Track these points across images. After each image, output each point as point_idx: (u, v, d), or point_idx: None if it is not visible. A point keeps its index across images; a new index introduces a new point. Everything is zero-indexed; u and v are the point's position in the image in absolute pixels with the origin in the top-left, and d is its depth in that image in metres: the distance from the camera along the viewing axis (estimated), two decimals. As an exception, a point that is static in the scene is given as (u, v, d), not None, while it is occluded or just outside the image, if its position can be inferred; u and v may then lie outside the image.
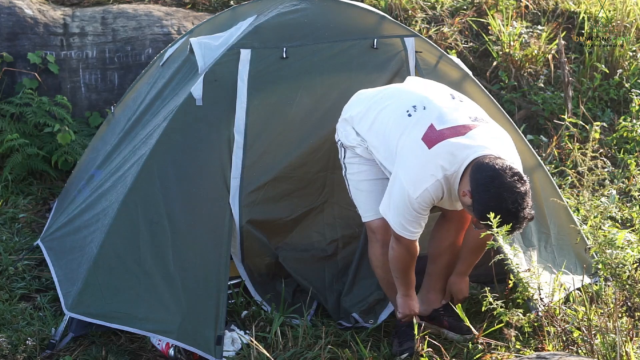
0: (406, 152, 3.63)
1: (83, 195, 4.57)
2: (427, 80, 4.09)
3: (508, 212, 3.41)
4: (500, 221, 3.40)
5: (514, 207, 3.41)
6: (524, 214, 3.45)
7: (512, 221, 3.42)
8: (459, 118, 3.64)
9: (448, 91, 3.85)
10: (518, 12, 7.17)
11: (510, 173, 3.43)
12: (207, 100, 4.13)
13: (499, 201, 3.41)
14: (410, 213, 3.63)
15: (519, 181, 3.44)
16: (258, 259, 4.25)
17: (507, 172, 3.43)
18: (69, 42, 6.20)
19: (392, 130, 3.70)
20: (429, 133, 3.59)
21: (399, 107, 3.75)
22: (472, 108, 3.76)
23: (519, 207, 3.42)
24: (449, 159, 3.53)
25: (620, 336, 3.39)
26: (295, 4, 4.40)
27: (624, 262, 3.74)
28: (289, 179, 4.21)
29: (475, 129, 3.61)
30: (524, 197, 3.44)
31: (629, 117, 6.39)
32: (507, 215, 3.41)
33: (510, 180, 3.42)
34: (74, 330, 3.95)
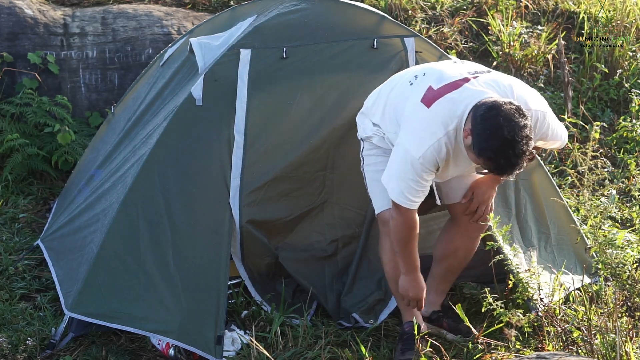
0: (407, 116, 3.62)
1: (83, 195, 4.57)
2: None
3: (504, 140, 3.34)
4: (497, 154, 3.36)
5: (510, 134, 3.34)
6: (521, 146, 3.35)
7: (509, 152, 3.35)
8: (457, 74, 3.64)
9: (453, 59, 3.88)
10: (518, 12, 7.17)
11: (510, 104, 3.40)
12: (207, 100, 4.13)
13: (496, 128, 3.35)
14: (412, 178, 3.57)
15: (518, 112, 3.38)
16: (258, 259, 4.25)
17: (507, 103, 3.41)
18: (69, 42, 6.20)
19: (399, 105, 3.70)
20: (427, 94, 3.59)
21: (402, 82, 3.77)
22: (473, 65, 3.76)
23: (516, 136, 3.34)
24: (449, 114, 3.51)
25: (620, 336, 3.39)
26: (295, 4, 4.40)
27: (624, 262, 3.75)
28: (289, 179, 4.21)
29: (474, 79, 3.60)
30: (522, 128, 3.36)
31: (628, 117, 6.39)
32: (503, 144, 3.35)
33: (508, 109, 3.38)
34: (74, 330, 3.95)
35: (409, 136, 3.59)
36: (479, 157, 3.42)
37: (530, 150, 3.41)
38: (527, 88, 3.73)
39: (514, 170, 3.42)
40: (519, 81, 3.76)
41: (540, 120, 3.65)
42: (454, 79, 3.61)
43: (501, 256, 3.83)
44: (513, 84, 3.68)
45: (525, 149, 3.37)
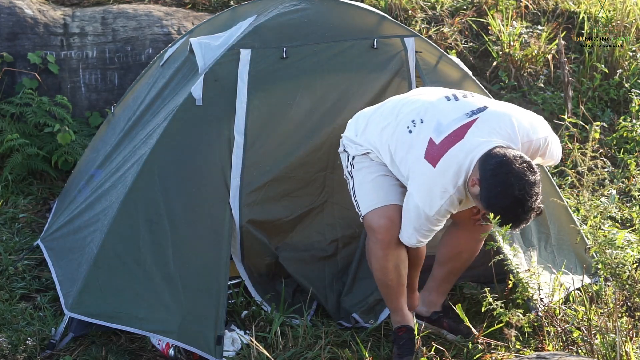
0: (415, 173, 3.62)
1: (83, 195, 4.57)
2: (423, 88, 4.08)
3: (515, 198, 3.38)
4: (507, 211, 3.38)
5: (521, 193, 3.37)
6: (530, 203, 3.40)
7: (518, 210, 3.39)
8: (455, 121, 3.61)
9: (444, 93, 3.80)
10: (518, 12, 7.17)
11: (520, 161, 3.41)
12: (207, 100, 4.13)
13: (506, 186, 3.38)
14: (427, 228, 3.66)
15: (529, 169, 3.41)
16: (258, 259, 4.25)
17: (517, 159, 3.41)
18: (69, 42, 6.20)
19: (397, 149, 3.68)
20: (430, 150, 3.58)
21: (400, 127, 3.71)
22: (468, 103, 3.70)
23: (526, 195, 3.38)
24: (456, 170, 3.52)
25: (620, 336, 3.39)
26: (296, 4, 4.40)
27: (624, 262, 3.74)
28: (289, 179, 4.21)
29: (474, 125, 3.58)
30: (533, 186, 3.40)
31: (628, 117, 6.40)
32: (514, 203, 3.39)
33: (519, 167, 3.39)
34: (74, 330, 3.95)
35: (421, 195, 3.60)
36: (486, 209, 3.46)
37: (538, 206, 3.44)
38: (526, 115, 3.72)
39: (521, 225, 3.49)
40: (515, 108, 3.74)
41: (542, 146, 3.70)
42: (454, 127, 3.59)
43: (501, 256, 3.82)
44: (512, 115, 3.65)
45: (535, 205, 3.42)
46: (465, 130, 3.57)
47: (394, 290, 3.88)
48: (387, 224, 3.75)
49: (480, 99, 3.75)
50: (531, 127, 3.67)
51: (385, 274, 3.82)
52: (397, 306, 3.89)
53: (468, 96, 3.75)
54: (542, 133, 3.70)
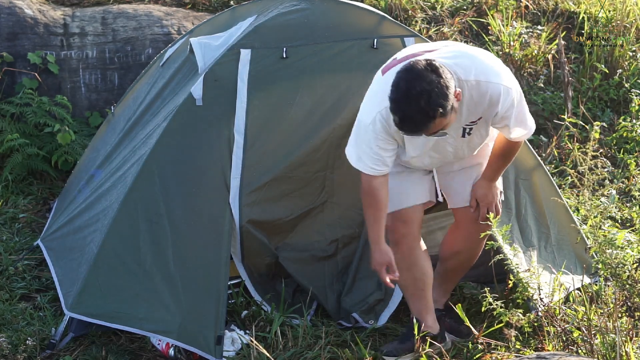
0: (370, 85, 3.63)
1: (83, 195, 4.57)
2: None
3: (400, 93, 3.26)
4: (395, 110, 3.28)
5: (406, 87, 3.25)
6: (418, 100, 3.23)
7: (404, 105, 3.26)
8: (426, 48, 3.60)
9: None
10: (518, 12, 7.17)
11: (422, 62, 3.31)
12: (207, 100, 4.13)
13: (396, 82, 3.30)
14: (366, 144, 3.57)
15: (428, 67, 3.27)
16: (258, 259, 4.25)
17: (420, 61, 3.32)
18: (69, 42, 6.20)
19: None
20: (389, 64, 3.59)
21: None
22: (445, 42, 3.70)
23: (412, 90, 3.24)
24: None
25: (620, 336, 3.39)
26: (295, 4, 4.40)
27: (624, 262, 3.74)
28: (289, 179, 4.21)
29: (438, 51, 3.52)
30: (422, 81, 3.24)
31: (628, 117, 6.39)
32: (399, 98, 3.27)
33: (415, 64, 3.30)
34: (74, 330, 3.95)
35: (363, 104, 3.61)
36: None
37: (437, 109, 3.26)
38: (496, 63, 3.57)
39: (416, 127, 3.32)
40: (490, 55, 3.61)
41: (503, 95, 3.50)
42: (418, 50, 3.57)
43: (501, 256, 3.83)
44: (479, 55, 3.56)
45: (425, 104, 3.25)
46: (425, 53, 3.52)
47: (410, 293, 3.92)
48: (398, 225, 3.81)
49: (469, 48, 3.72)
50: (494, 72, 3.50)
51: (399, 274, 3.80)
52: (415, 310, 3.91)
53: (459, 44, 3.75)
54: (506, 82, 3.50)
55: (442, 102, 3.28)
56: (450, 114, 3.34)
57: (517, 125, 3.63)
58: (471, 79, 3.47)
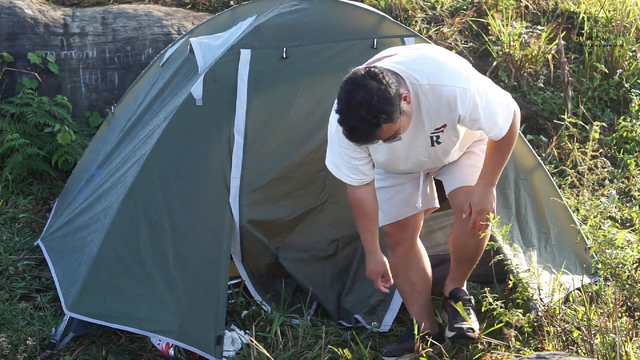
0: None
1: (83, 195, 4.57)
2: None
3: (342, 104, 3.21)
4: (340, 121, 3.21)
5: (347, 98, 3.19)
6: (358, 110, 3.16)
7: (346, 116, 3.20)
8: (386, 52, 3.56)
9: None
10: (518, 12, 7.17)
11: (362, 71, 3.24)
12: (207, 100, 4.13)
13: (339, 95, 3.25)
14: (337, 152, 3.54)
15: (366, 76, 3.20)
16: (258, 259, 4.25)
17: (360, 70, 3.26)
18: (69, 42, 6.20)
19: None
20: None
21: None
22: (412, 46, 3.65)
23: (352, 100, 3.18)
24: None
25: (620, 336, 3.39)
26: (296, 4, 4.40)
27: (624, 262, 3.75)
28: (289, 179, 4.22)
29: (394, 55, 3.47)
30: (360, 90, 3.17)
31: (628, 117, 6.40)
32: (342, 109, 3.21)
33: (355, 74, 3.24)
34: (74, 330, 3.95)
35: (331, 113, 3.51)
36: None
37: (380, 116, 3.18)
38: (456, 64, 3.41)
39: (364, 137, 3.25)
40: (450, 57, 3.47)
41: (460, 98, 3.35)
42: (381, 55, 3.53)
43: (501, 256, 3.83)
44: (438, 58, 3.43)
45: (366, 112, 3.17)
46: (385, 57, 3.48)
47: (407, 296, 3.92)
48: (395, 230, 3.80)
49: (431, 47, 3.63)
50: (447, 73, 3.37)
51: (396, 278, 3.81)
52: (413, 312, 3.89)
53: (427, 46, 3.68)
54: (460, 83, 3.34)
55: (385, 108, 3.20)
56: (398, 118, 3.25)
57: (491, 125, 3.48)
58: (424, 84, 3.36)
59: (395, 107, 3.23)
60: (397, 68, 3.36)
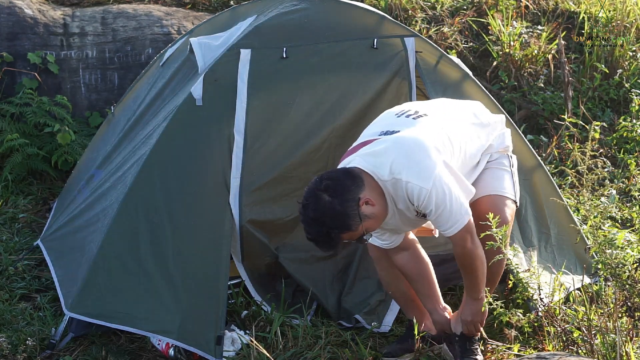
0: None
1: (83, 195, 4.57)
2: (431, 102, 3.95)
3: (300, 213, 3.34)
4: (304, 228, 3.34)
5: (304, 211, 3.32)
6: (307, 225, 3.30)
7: (305, 226, 3.32)
8: (368, 135, 3.55)
9: (406, 108, 3.66)
10: (518, 12, 7.17)
11: (318, 183, 3.32)
12: (207, 100, 4.13)
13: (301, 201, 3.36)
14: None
15: (322, 186, 3.30)
16: (258, 259, 4.25)
17: (317, 181, 3.33)
18: (69, 42, 6.20)
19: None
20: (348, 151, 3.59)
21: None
22: (398, 122, 3.55)
23: (306, 213, 3.30)
24: None
25: (620, 336, 3.39)
26: (295, 4, 4.40)
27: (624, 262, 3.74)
28: (289, 179, 4.21)
29: (369, 144, 3.47)
30: (316, 202, 3.27)
31: (629, 117, 6.40)
32: (300, 217, 3.34)
33: (310, 186, 3.34)
34: (74, 330, 3.95)
35: None
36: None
37: (334, 230, 3.29)
38: (423, 152, 3.38)
39: (324, 247, 3.38)
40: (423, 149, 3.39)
41: (422, 197, 3.35)
42: (360, 141, 3.54)
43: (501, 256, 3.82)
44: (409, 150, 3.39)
45: (319, 228, 3.29)
46: (361, 147, 3.50)
47: (402, 303, 3.95)
48: (372, 248, 3.79)
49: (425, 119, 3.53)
50: (412, 171, 3.34)
51: (387, 288, 3.92)
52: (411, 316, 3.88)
53: (422, 115, 3.56)
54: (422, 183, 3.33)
55: (337, 223, 3.29)
56: (357, 225, 3.32)
57: (440, 224, 3.45)
58: (387, 179, 3.38)
59: (350, 218, 3.30)
60: (364, 164, 3.39)
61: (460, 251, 3.51)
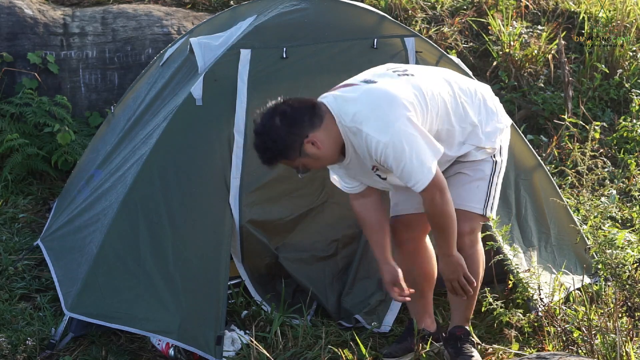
0: None
1: (83, 195, 4.57)
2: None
3: (254, 123, 3.46)
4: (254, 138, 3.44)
5: (258, 121, 3.43)
6: (256, 139, 3.41)
7: (254, 135, 3.43)
8: (353, 79, 3.59)
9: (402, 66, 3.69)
10: (518, 12, 7.17)
11: (284, 103, 3.42)
12: (207, 100, 4.13)
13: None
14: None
15: (269, 110, 3.40)
16: (258, 259, 4.25)
17: (278, 102, 3.43)
18: (68, 42, 6.20)
19: None
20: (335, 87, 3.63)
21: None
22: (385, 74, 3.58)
23: (257, 125, 3.41)
24: None
25: (620, 336, 3.39)
26: (296, 4, 4.40)
27: (624, 262, 3.75)
28: (289, 179, 4.21)
29: (348, 88, 3.52)
30: (267, 119, 3.38)
31: (629, 117, 6.40)
32: (253, 127, 3.46)
33: (272, 105, 3.43)
34: (74, 330, 3.95)
35: None
36: None
37: (273, 151, 3.38)
38: (388, 105, 3.38)
39: (263, 160, 3.44)
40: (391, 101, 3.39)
41: (379, 150, 3.36)
42: (343, 83, 3.59)
43: (501, 256, 3.83)
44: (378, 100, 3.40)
45: (260, 142, 3.39)
46: (341, 88, 3.56)
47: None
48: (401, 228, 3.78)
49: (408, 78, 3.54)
50: (372, 124, 3.36)
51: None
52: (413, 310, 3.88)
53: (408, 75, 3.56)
54: (379, 136, 3.34)
55: (277, 148, 3.38)
56: (295, 157, 3.40)
57: (406, 179, 3.42)
58: (350, 125, 3.40)
59: (289, 148, 3.38)
60: (332, 105, 3.43)
61: (428, 207, 3.48)
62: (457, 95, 3.60)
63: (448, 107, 3.55)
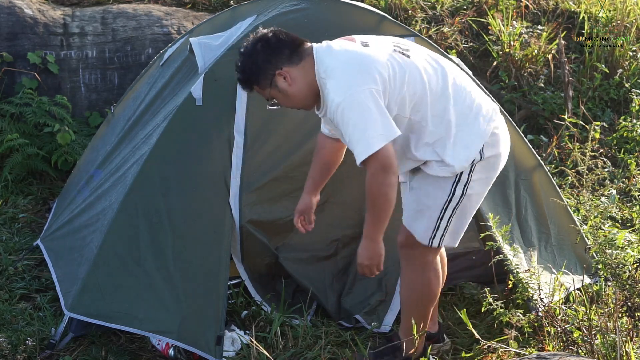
0: None
1: (83, 195, 4.57)
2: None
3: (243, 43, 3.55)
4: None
5: (245, 43, 3.51)
6: (241, 53, 3.49)
7: (239, 54, 3.51)
8: (358, 36, 3.59)
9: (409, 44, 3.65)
10: (518, 12, 7.17)
11: (271, 32, 3.47)
12: (207, 100, 4.13)
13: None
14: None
15: (262, 37, 3.45)
16: (258, 259, 4.25)
17: (275, 32, 3.47)
18: (68, 42, 6.20)
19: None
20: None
21: None
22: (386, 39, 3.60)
23: (243, 46, 3.49)
24: None
25: (620, 336, 3.39)
26: (296, 4, 4.40)
27: (624, 262, 3.75)
28: (289, 179, 4.21)
29: (345, 42, 3.52)
30: (251, 44, 3.45)
31: (629, 117, 6.40)
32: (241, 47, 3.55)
33: (260, 32, 3.49)
34: (74, 330, 3.95)
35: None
36: None
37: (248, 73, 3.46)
38: (345, 76, 3.37)
39: (239, 80, 3.52)
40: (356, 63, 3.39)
41: (332, 109, 3.35)
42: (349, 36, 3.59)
43: (501, 256, 3.83)
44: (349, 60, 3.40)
45: (240, 64, 3.47)
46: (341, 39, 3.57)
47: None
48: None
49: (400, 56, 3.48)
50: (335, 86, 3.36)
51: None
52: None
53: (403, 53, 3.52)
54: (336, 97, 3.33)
55: (251, 72, 3.45)
56: (265, 86, 3.47)
57: (352, 146, 3.36)
58: (322, 77, 3.41)
59: (260, 76, 3.45)
60: (320, 52, 3.47)
61: (367, 182, 3.36)
62: (445, 93, 3.47)
63: (427, 99, 3.43)
